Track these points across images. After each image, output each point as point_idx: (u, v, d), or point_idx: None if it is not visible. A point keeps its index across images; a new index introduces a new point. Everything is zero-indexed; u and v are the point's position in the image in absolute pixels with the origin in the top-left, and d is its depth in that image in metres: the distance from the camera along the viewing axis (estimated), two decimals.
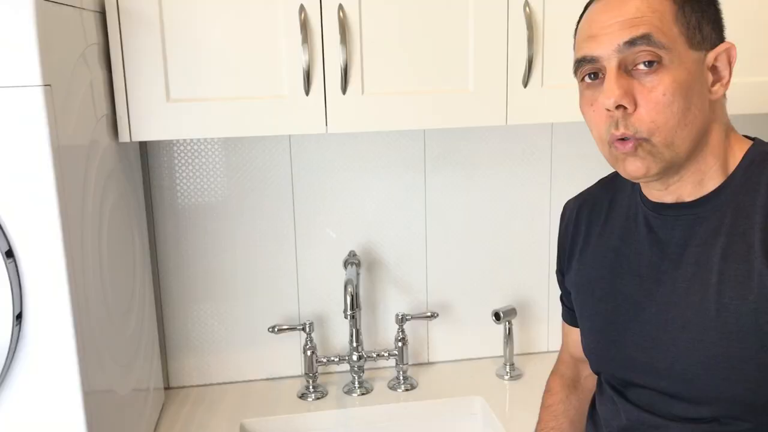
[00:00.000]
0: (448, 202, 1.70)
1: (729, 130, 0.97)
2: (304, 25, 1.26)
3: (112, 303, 1.24)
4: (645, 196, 1.02)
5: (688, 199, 0.97)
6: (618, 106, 0.89)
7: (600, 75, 0.93)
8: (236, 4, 1.25)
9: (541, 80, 1.36)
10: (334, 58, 1.28)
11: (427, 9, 1.30)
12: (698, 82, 0.91)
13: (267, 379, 1.71)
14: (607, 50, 0.90)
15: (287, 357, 1.71)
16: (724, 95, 0.96)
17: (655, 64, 0.88)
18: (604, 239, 1.08)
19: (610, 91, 0.89)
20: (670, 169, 0.93)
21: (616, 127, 0.91)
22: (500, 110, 1.36)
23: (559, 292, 1.25)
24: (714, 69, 0.93)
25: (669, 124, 0.89)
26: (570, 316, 1.23)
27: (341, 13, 1.27)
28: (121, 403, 1.27)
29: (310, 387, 1.63)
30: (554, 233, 1.74)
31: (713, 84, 0.92)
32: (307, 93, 1.29)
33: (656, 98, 0.88)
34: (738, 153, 0.96)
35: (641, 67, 0.89)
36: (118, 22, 1.22)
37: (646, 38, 0.88)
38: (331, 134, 1.62)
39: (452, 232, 1.72)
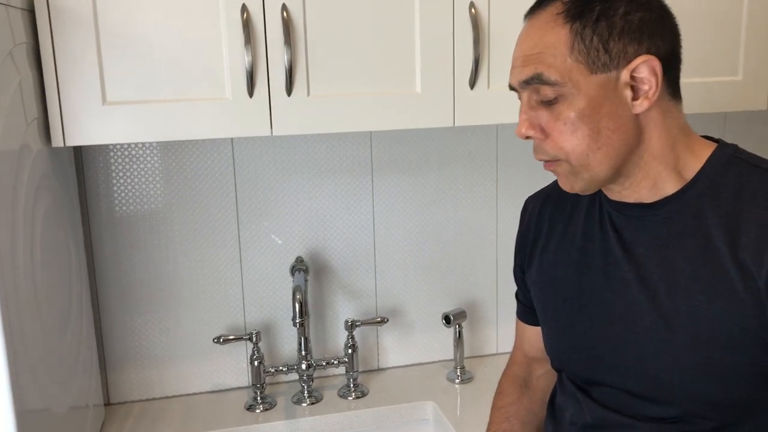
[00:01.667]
0: (395, 205, 1.69)
1: (683, 133, 0.95)
2: (247, 26, 1.22)
3: (47, 316, 1.17)
4: (607, 195, 1.02)
5: (648, 200, 0.96)
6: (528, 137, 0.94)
7: None
8: (176, 2, 1.21)
9: (488, 82, 1.35)
10: (278, 59, 1.25)
11: (372, 9, 1.28)
12: (607, 104, 0.89)
13: (213, 392, 1.66)
14: (515, 84, 0.95)
15: (233, 368, 1.66)
16: (676, 101, 0.94)
17: (552, 97, 0.90)
18: (568, 237, 1.08)
19: (519, 124, 0.94)
20: (599, 183, 0.96)
21: (536, 151, 0.96)
22: (448, 112, 1.35)
23: (513, 291, 1.24)
24: (634, 82, 0.90)
25: (578, 150, 0.91)
26: (526, 314, 1.22)
27: (285, 13, 1.24)
28: (58, 423, 1.20)
29: (258, 398, 1.59)
30: (501, 234, 1.76)
31: (635, 98, 0.90)
32: (250, 95, 1.25)
33: (560, 128, 0.91)
34: (700, 156, 0.95)
35: (542, 100, 0.92)
36: (48, 20, 1.16)
37: (537, 78, 0.90)
38: (275, 137, 1.59)
39: (401, 235, 1.70)
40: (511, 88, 0.97)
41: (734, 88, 1.46)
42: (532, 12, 0.95)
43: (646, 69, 0.89)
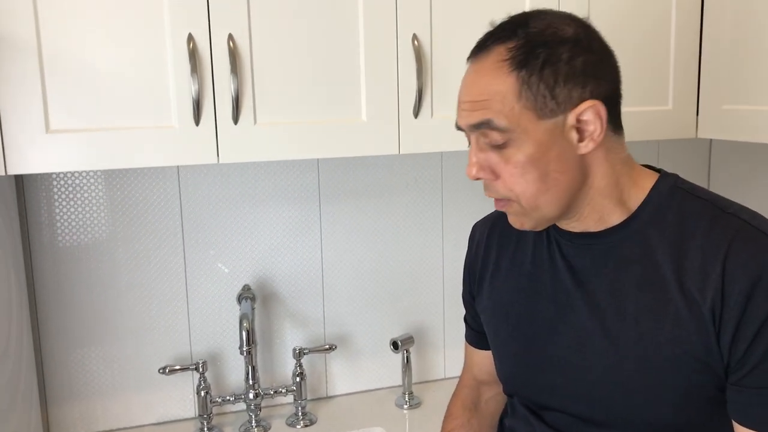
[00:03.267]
0: (343, 231, 1.70)
1: (626, 166, 0.97)
2: (193, 55, 1.23)
3: None
4: (556, 224, 1.03)
5: (595, 230, 0.99)
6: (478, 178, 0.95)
7: None
8: (121, 31, 1.21)
9: (431, 111, 1.39)
10: (225, 87, 1.26)
11: (318, 38, 1.31)
12: (555, 148, 0.91)
13: (158, 423, 1.63)
14: (463, 126, 0.96)
15: (180, 399, 1.64)
16: (618, 135, 0.96)
17: (501, 142, 0.91)
18: (517, 264, 1.09)
19: (469, 166, 0.95)
20: (548, 222, 0.97)
21: (486, 189, 0.97)
22: (393, 139, 1.37)
23: (459, 315, 1.26)
24: (579, 125, 0.91)
25: (527, 192, 0.93)
26: (475, 338, 1.23)
27: (231, 43, 1.25)
28: None
29: (205, 429, 1.57)
30: (447, 259, 1.78)
31: (581, 140, 0.92)
32: (197, 123, 1.26)
33: (510, 171, 0.92)
34: (644, 187, 0.98)
35: (492, 144, 0.93)
36: None
37: (487, 123, 0.91)
38: (222, 165, 1.59)
39: (348, 262, 1.71)
40: (458, 128, 0.97)
41: (665, 117, 1.53)
42: (475, 55, 0.94)
43: (591, 113, 0.90)
